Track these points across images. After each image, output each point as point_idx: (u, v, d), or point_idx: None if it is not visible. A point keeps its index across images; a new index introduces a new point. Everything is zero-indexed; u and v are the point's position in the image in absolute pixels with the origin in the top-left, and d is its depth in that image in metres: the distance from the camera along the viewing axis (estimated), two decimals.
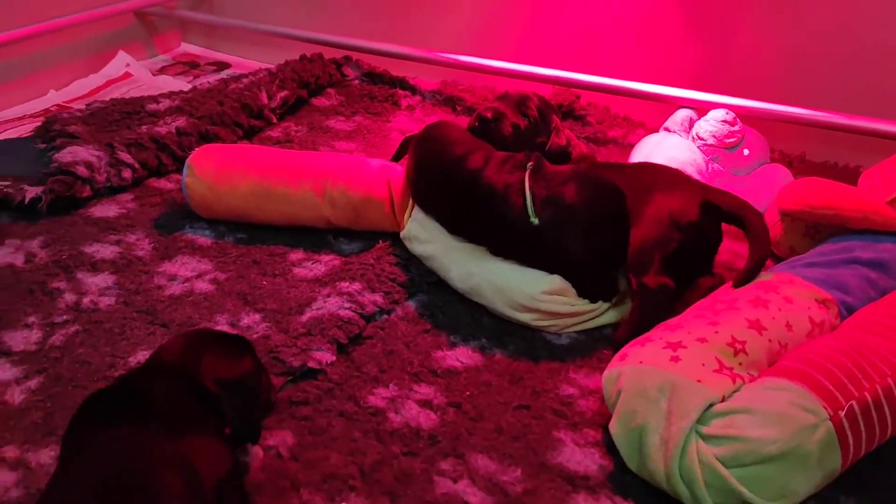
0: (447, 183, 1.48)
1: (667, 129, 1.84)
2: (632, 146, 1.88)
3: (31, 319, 1.41)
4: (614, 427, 1.12)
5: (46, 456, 1.14)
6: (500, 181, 1.40)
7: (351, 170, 1.65)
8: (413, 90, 2.31)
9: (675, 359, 1.12)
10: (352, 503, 1.08)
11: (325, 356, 1.32)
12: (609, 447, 1.16)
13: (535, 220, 1.35)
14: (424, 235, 1.54)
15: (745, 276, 1.30)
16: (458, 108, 2.20)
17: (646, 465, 1.08)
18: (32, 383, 1.27)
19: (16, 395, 1.25)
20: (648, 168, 1.54)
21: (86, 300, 1.47)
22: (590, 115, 2.10)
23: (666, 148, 1.73)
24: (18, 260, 1.57)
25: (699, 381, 1.08)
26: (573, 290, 1.38)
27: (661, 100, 1.97)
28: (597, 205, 1.34)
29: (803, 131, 1.88)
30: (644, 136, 1.87)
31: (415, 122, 2.15)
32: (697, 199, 1.39)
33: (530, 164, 1.41)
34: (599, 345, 1.37)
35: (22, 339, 1.37)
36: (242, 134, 2.05)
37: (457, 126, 1.63)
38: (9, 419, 1.21)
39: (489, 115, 1.60)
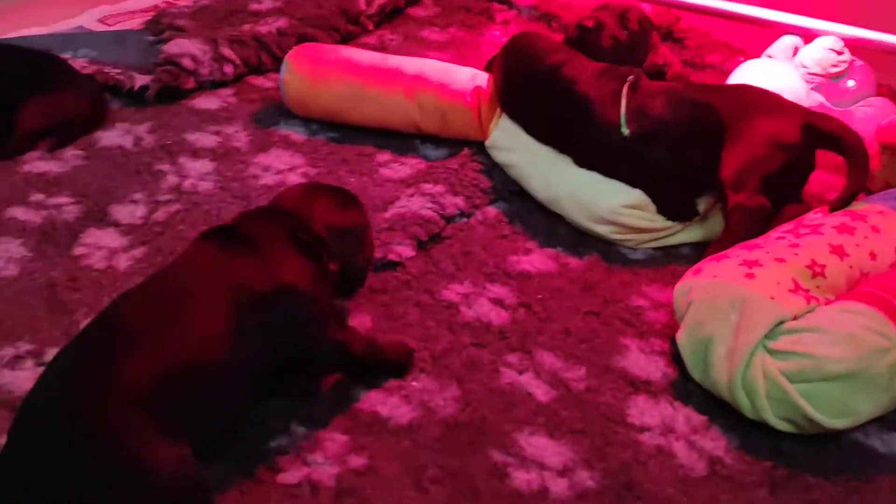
0: (541, 91, 1.48)
1: (769, 56, 1.78)
2: (730, 73, 1.82)
3: (138, 196, 1.52)
4: (681, 337, 1.14)
5: None
6: (596, 91, 1.40)
7: (441, 77, 1.67)
8: (509, 4, 2.28)
9: (750, 275, 1.12)
10: (421, 383, 1.14)
11: (405, 250, 1.37)
12: (674, 357, 1.18)
13: (626, 132, 1.36)
14: (509, 144, 1.56)
15: (843, 201, 1.26)
16: (554, 25, 2.18)
17: (709, 374, 1.09)
18: (137, 252, 1.38)
19: (122, 262, 1.37)
20: (747, 90, 1.50)
21: (186, 183, 1.56)
22: (688, 39, 2.05)
23: (765, 74, 1.67)
24: (127, 142, 1.68)
25: (772, 297, 1.08)
26: (653, 206, 1.38)
27: (766, 24, 1.89)
28: (688, 120, 1.33)
29: None
30: (744, 62, 1.81)
31: (508, 37, 2.13)
32: (799, 120, 1.35)
33: (630, 76, 1.40)
34: (674, 261, 1.38)
35: (128, 213, 1.48)
36: (339, 38, 2.09)
37: (545, 36, 1.63)
38: (115, 281, 1.32)
39: (590, 23, 1.58)
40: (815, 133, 1.34)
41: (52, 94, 1.64)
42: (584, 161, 1.44)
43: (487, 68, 1.75)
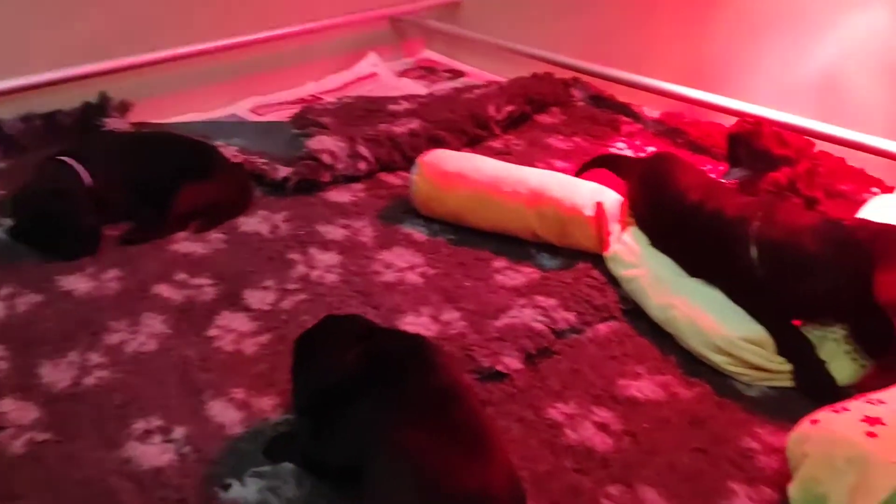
0: (684, 228, 1.53)
1: None
2: (861, 203, 1.77)
3: (269, 283, 1.63)
4: (794, 491, 1.10)
5: (266, 403, 1.32)
6: (731, 229, 1.43)
7: (564, 188, 1.72)
8: (636, 117, 2.33)
9: (872, 434, 1.07)
10: None
11: (514, 362, 1.40)
12: None
13: (761, 271, 1.37)
14: (630, 259, 1.58)
15: None
16: (679, 141, 2.19)
17: None
18: (263, 339, 1.47)
19: (249, 346, 1.46)
20: None
21: (314, 273, 1.66)
22: (821, 164, 2.01)
23: None
24: (265, 229, 1.81)
25: (894, 462, 1.03)
26: (772, 345, 1.36)
27: None
28: (834, 260, 1.33)
29: None
30: (878, 194, 1.76)
31: (633, 149, 2.17)
32: None
33: (760, 212, 1.41)
34: (790, 403, 1.33)
35: (259, 298, 1.58)
36: (467, 141, 2.19)
37: (684, 162, 1.67)
38: (241, 365, 1.41)
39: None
40: None
41: (205, 181, 1.81)
42: (731, 295, 1.44)
43: (591, 165, 1.82)
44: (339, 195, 1.96)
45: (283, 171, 1.96)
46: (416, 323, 1.51)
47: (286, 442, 1.24)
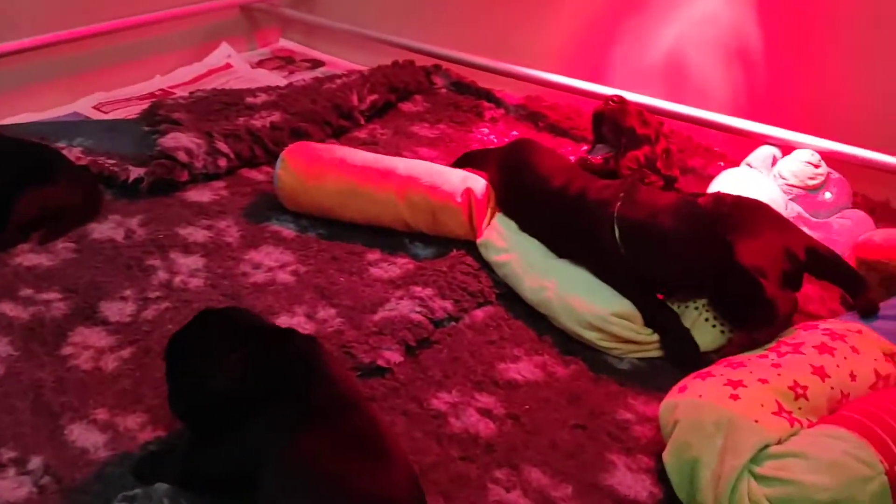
0: (549, 213, 1.57)
1: (748, 165, 1.84)
2: (711, 177, 1.88)
3: (128, 293, 1.52)
4: (668, 457, 1.15)
5: (133, 421, 1.24)
6: (594, 212, 1.48)
7: (433, 176, 1.72)
8: (498, 103, 2.35)
9: (735, 397, 1.14)
10: None
11: (394, 356, 1.38)
12: (660, 475, 1.18)
13: (624, 251, 1.43)
14: (501, 245, 1.60)
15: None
16: (541, 125, 2.24)
17: (696, 497, 1.10)
18: (125, 353, 1.38)
19: (109, 362, 1.36)
20: (762, 206, 1.54)
21: (177, 279, 1.57)
22: (671, 143, 2.11)
23: (746, 184, 1.73)
24: (119, 235, 1.69)
25: (757, 420, 1.10)
26: (641, 318, 1.41)
27: (745, 135, 1.97)
28: (688, 237, 1.39)
29: (890, 178, 1.85)
30: (724, 169, 1.88)
31: (496, 135, 2.20)
32: (804, 242, 1.41)
33: (622, 194, 1.46)
34: (660, 373, 1.40)
35: (118, 310, 1.48)
36: (331, 132, 2.14)
37: (542, 147, 1.71)
38: (101, 383, 1.31)
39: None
40: (816, 257, 1.39)
41: (46, 186, 1.66)
42: (597, 274, 1.48)
43: (459, 163, 1.82)
44: (199, 194, 1.86)
45: (136, 172, 1.84)
46: (290, 323, 1.46)
47: (158, 460, 1.16)
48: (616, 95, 1.77)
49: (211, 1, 2.61)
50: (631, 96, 2.09)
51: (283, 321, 1.46)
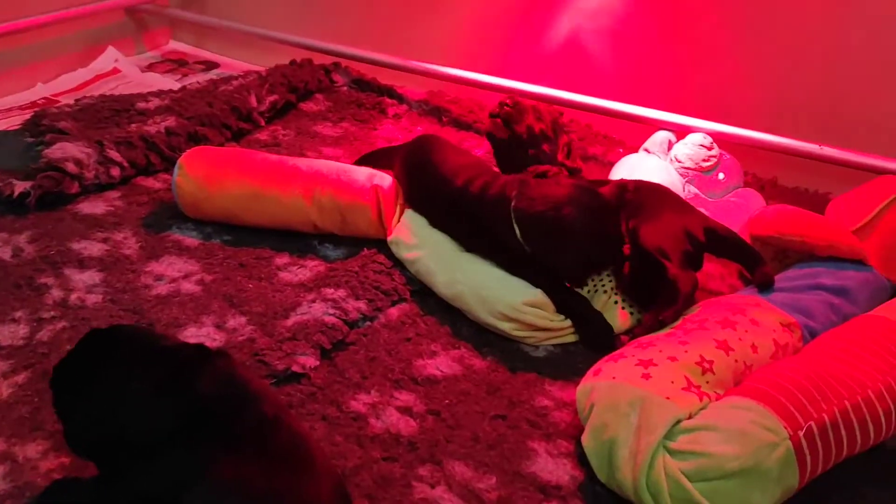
0: (454, 211, 1.56)
1: (646, 150, 1.90)
2: (611, 164, 1.93)
3: (19, 314, 1.43)
4: (586, 439, 1.17)
5: (33, 450, 1.17)
6: (494, 210, 1.48)
7: (339, 176, 1.69)
8: (400, 99, 2.35)
9: (646, 376, 1.17)
10: None
11: (309, 361, 1.36)
12: (580, 458, 1.21)
13: (527, 246, 1.44)
14: (412, 241, 1.59)
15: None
16: (444, 119, 2.25)
17: (615, 476, 1.13)
18: (20, 378, 1.30)
19: (3, 389, 1.28)
20: (662, 190, 1.58)
21: (73, 297, 1.49)
22: (572, 132, 2.15)
23: (645, 169, 1.79)
24: (6, 254, 1.59)
25: (668, 398, 1.14)
26: (552, 306, 1.43)
27: (642, 121, 2.03)
28: (590, 228, 1.41)
29: (777, 157, 1.95)
30: (623, 155, 1.93)
31: (401, 131, 2.19)
32: (702, 222, 1.46)
33: (514, 192, 1.47)
34: (574, 358, 1.42)
35: (9, 333, 1.39)
36: (231, 136, 2.08)
37: (445, 143, 1.70)
38: None
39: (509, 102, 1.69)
40: (714, 236, 1.45)
41: None
42: (511, 270, 1.48)
43: (362, 162, 1.82)
44: (93, 206, 1.77)
45: (21, 186, 1.73)
46: (198, 335, 1.41)
47: (65, 488, 1.10)
48: (508, 97, 1.73)
49: (93, 4, 2.48)
50: (531, 88, 2.13)
51: (190, 332, 1.41)
